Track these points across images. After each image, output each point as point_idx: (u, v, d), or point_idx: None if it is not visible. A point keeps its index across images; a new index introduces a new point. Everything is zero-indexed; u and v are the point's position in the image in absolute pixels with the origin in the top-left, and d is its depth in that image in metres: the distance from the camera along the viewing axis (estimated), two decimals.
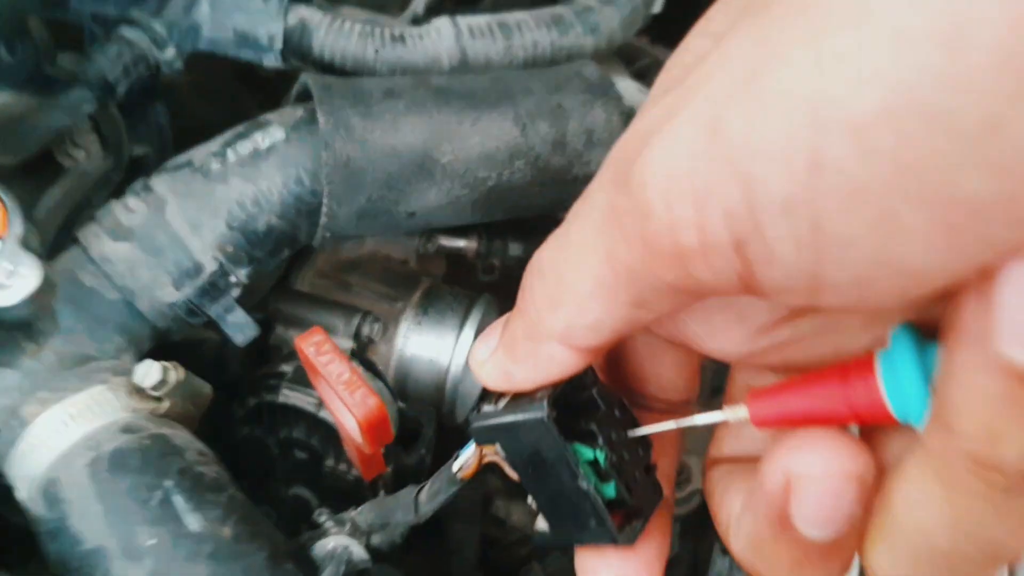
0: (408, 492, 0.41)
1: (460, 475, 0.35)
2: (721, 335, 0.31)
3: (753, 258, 0.22)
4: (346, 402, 0.47)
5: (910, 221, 0.19)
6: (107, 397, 0.52)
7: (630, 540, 0.31)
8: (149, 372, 0.52)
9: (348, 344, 0.78)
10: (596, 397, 0.31)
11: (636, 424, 0.32)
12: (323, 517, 0.48)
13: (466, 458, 0.34)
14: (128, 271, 0.56)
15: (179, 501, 0.48)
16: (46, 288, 0.48)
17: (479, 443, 0.33)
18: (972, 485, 0.22)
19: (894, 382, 0.25)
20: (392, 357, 0.79)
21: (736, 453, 0.34)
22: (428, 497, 0.39)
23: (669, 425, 0.32)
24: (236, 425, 0.76)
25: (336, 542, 0.47)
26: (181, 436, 0.52)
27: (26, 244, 0.48)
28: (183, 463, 0.50)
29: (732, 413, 0.29)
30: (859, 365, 0.26)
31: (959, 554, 0.23)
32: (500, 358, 0.31)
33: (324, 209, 0.57)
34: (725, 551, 0.61)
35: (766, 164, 0.20)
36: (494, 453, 0.33)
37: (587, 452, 0.30)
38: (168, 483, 0.49)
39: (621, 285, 0.26)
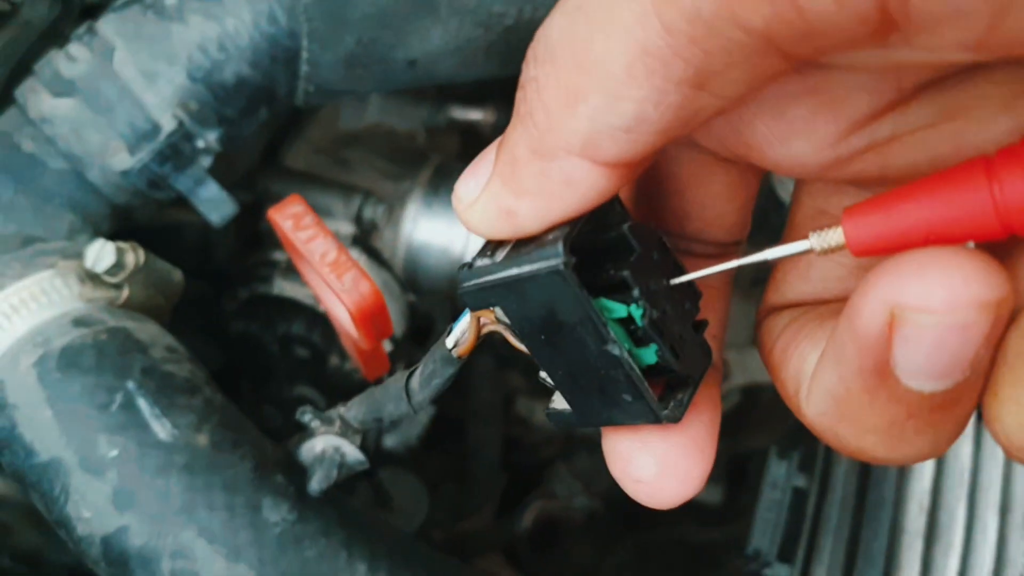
0: (398, 379, 0.32)
1: (456, 352, 0.27)
2: (800, 134, 0.22)
3: None
4: (333, 287, 0.38)
5: None
6: (55, 285, 0.43)
7: (676, 416, 0.24)
8: (102, 253, 0.43)
9: (349, 229, 0.68)
10: (628, 235, 0.23)
11: (680, 269, 0.25)
12: (307, 416, 0.39)
13: (461, 330, 0.27)
14: (72, 133, 0.46)
15: (144, 405, 0.41)
16: None
17: (473, 308, 0.25)
18: None
19: None
20: (399, 244, 0.70)
21: (804, 296, 0.26)
22: (421, 383, 0.31)
23: (728, 265, 0.24)
24: (229, 320, 0.68)
25: (325, 443, 0.39)
26: (146, 330, 0.44)
27: None
28: (148, 361, 0.42)
29: (820, 239, 0.21)
30: (1013, 152, 0.19)
31: None
32: (497, 191, 0.23)
33: (304, 55, 0.47)
34: (782, 455, 0.53)
35: None
36: (495, 321, 0.25)
37: (618, 308, 0.23)
38: (130, 384, 0.41)
39: (678, 47, 0.18)
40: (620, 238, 0.23)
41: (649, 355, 0.24)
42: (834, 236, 0.21)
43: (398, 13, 0.46)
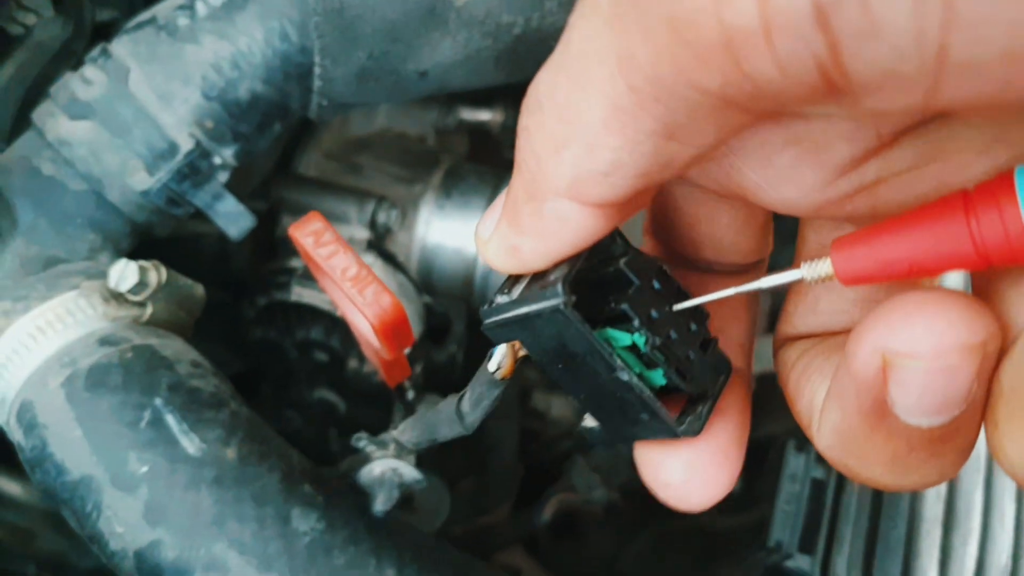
0: (448, 403, 0.35)
1: (499, 375, 0.29)
2: (788, 181, 0.23)
3: (844, 32, 0.16)
4: (356, 302, 0.39)
5: None
6: (80, 305, 0.44)
7: (695, 430, 0.26)
8: (125, 273, 0.44)
9: (363, 234, 0.69)
10: (625, 270, 0.25)
11: (683, 294, 0.26)
12: (363, 442, 0.42)
13: (500, 356, 0.29)
14: (91, 155, 0.47)
15: (172, 421, 0.41)
16: None
17: (496, 341, 0.28)
18: None
19: None
20: (413, 247, 0.71)
21: (813, 328, 0.27)
22: (471, 405, 0.33)
23: (724, 293, 0.25)
24: (248, 326, 0.69)
25: (383, 466, 0.42)
26: (171, 346, 0.45)
27: None
28: (174, 377, 0.43)
29: (811, 269, 0.23)
30: (989, 187, 0.20)
31: None
32: (504, 231, 0.25)
33: (317, 70, 0.47)
34: (800, 448, 0.53)
35: None
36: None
37: (623, 337, 0.25)
38: (157, 401, 0.42)
39: (643, 104, 0.19)
40: (619, 272, 0.25)
41: (659, 376, 0.25)
42: (824, 267, 0.23)
43: (408, 27, 0.47)
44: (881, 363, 0.20)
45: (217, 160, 0.49)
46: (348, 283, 0.39)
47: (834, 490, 0.52)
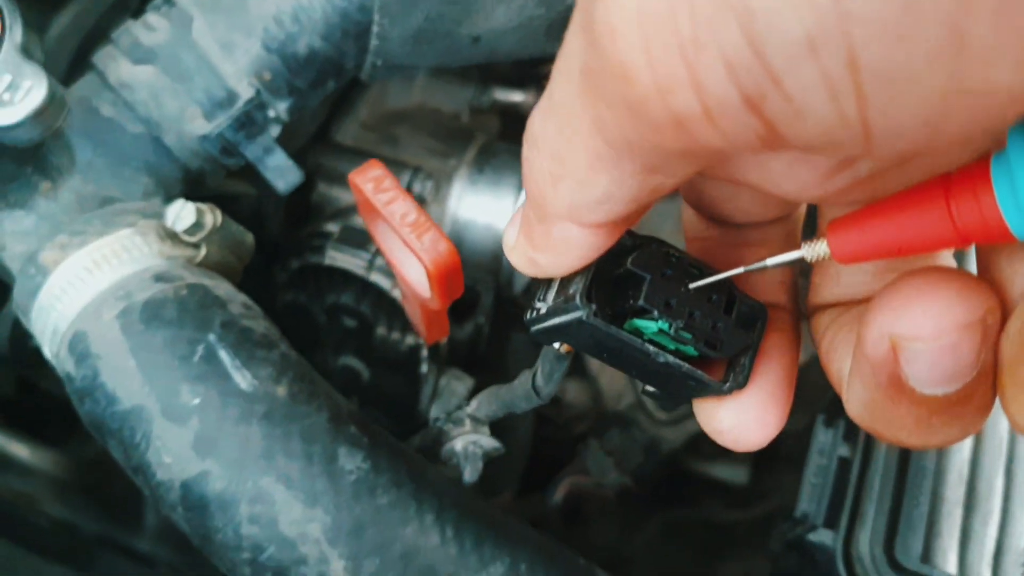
0: (524, 381, 0.38)
1: (563, 350, 0.32)
2: (787, 182, 0.25)
3: (775, 116, 0.18)
4: (413, 247, 0.39)
5: (983, 36, 0.15)
6: (136, 242, 0.45)
7: (739, 384, 0.28)
8: (183, 213, 0.45)
9: None
10: (632, 269, 0.27)
11: (697, 269, 0.28)
12: (440, 421, 0.46)
13: None
14: (152, 99, 0.48)
15: (225, 356, 0.42)
16: (56, 109, 0.41)
17: (545, 343, 0.31)
18: None
19: (1011, 189, 0.20)
20: (445, 220, 0.72)
21: (839, 297, 0.29)
22: (544, 380, 0.36)
23: (732, 273, 0.27)
24: (278, 290, 0.70)
25: (464, 441, 0.45)
26: (223, 287, 0.46)
27: (28, 54, 0.40)
28: (227, 316, 0.44)
29: (811, 250, 0.25)
30: (966, 174, 0.21)
31: None
32: (522, 244, 0.27)
33: (375, 29, 0.48)
34: (829, 423, 0.54)
35: None
36: None
37: (650, 326, 0.27)
38: (211, 337, 0.43)
39: (621, 155, 0.21)
40: (628, 272, 0.27)
41: (692, 349, 0.28)
42: (822, 247, 0.25)
43: None
44: (890, 345, 0.22)
45: (272, 113, 0.50)
46: (407, 228, 0.39)
47: (859, 468, 0.53)
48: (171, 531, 0.70)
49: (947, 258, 0.28)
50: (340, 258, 0.65)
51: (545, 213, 0.25)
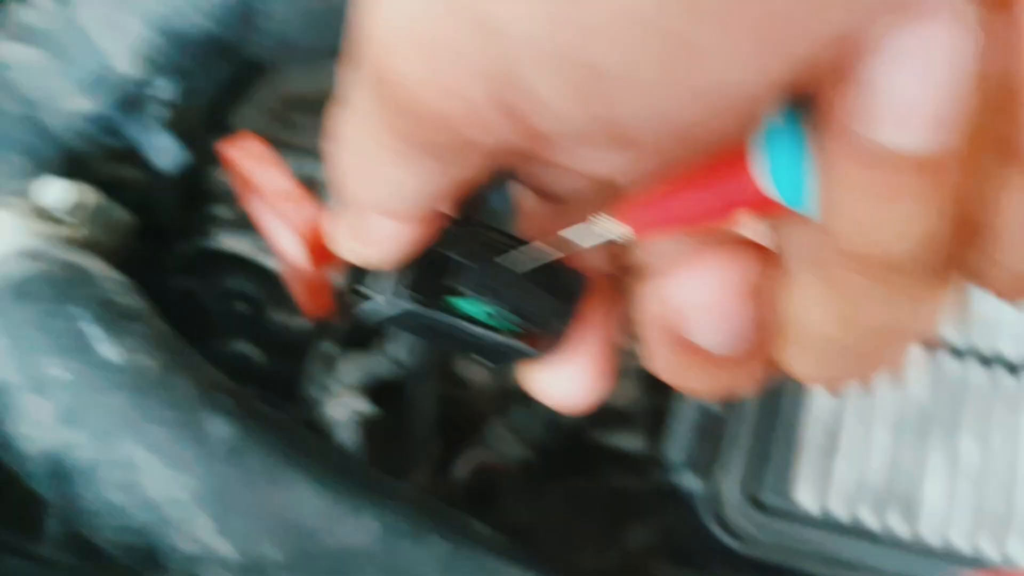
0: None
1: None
2: (599, 166, 0.25)
3: (532, 120, 0.19)
4: (280, 211, 0.41)
5: (704, 41, 0.16)
6: (6, 220, 0.45)
7: (552, 347, 0.29)
8: (57, 191, 0.45)
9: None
10: (450, 255, 0.28)
11: (513, 242, 0.29)
12: (311, 390, 0.45)
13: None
14: (32, 79, 0.48)
15: (94, 331, 0.43)
16: None
17: (380, 329, 0.30)
18: (855, 282, 0.20)
19: (768, 163, 0.21)
20: None
21: (646, 262, 0.30)
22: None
23: (548, 250, 0.28)
24: (166, 276, 0.70)
25: (336, 406, 0.44)
26: (96, 265, 0.47)
27: None
28: (98, 291, 0.45)
29: (606, 228, 0.25)
30: (729, 153, 0.22)
31: (864, 346, 0.22)
32: (347, 239, 0.27)
33: (263, 8, 0.50)
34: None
35: (513, 2, 0.16)
36: None
37: (471, 306, 0.28)
38: (80, 311, 0.43)
39: (407, 147, 0.21)
40: (447, 257, 0.28)
41: (510, 325, 0.29)
42: (616, 226, 0.25)
43: None
44: (671, 313, 0.23)
45: (156, 93, 0.51)
46: (275, 196, 0.41)
47: (723, 415, 0.58)
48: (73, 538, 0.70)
49: (749, 229, 0.30)
50: (231, 242, 0.66)
51: (358, 208, 0.25)
